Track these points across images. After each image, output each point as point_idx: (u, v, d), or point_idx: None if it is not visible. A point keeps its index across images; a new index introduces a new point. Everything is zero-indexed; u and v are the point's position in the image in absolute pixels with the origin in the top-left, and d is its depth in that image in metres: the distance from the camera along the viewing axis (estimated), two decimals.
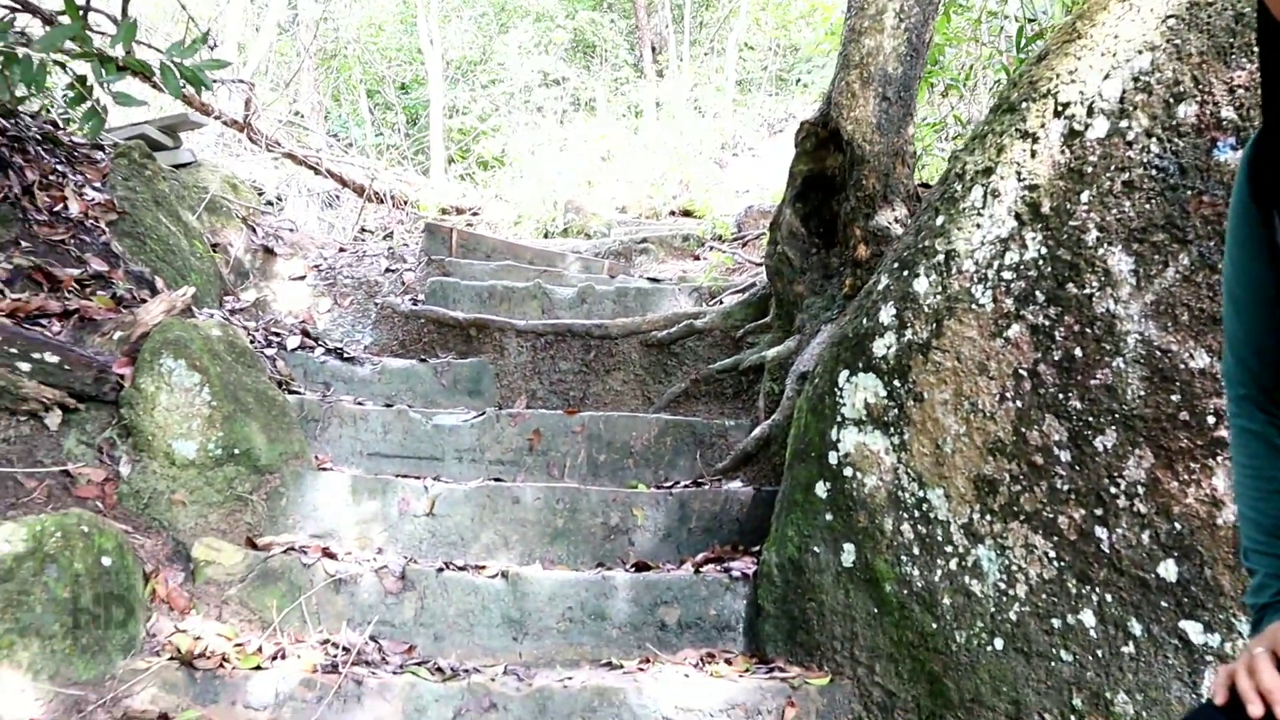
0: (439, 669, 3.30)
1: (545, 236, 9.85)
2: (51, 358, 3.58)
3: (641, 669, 3.40)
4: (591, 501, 4.03)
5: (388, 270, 6.41)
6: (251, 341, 4.85)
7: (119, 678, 2.99)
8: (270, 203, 10.11)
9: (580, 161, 11.97)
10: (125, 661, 3.06)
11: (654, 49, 21.01)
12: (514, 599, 3.57)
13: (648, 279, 6.54)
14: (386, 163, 14.23)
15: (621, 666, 3.44)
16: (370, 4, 20.17)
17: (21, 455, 3.47)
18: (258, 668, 3.15)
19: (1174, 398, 2.61)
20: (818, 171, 4.61)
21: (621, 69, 19.81)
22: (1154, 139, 2.71)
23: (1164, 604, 2.63)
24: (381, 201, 10.09)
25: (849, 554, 3.25)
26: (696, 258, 7.56)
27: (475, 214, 11.09)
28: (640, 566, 3.85)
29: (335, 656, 3.26)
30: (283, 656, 3.26)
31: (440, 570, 3.60)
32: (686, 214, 10.37)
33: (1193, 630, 2.56)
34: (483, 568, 3.70)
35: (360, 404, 4.69)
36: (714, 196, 11.02)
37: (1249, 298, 1.47)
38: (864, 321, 3.26)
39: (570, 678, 3.27)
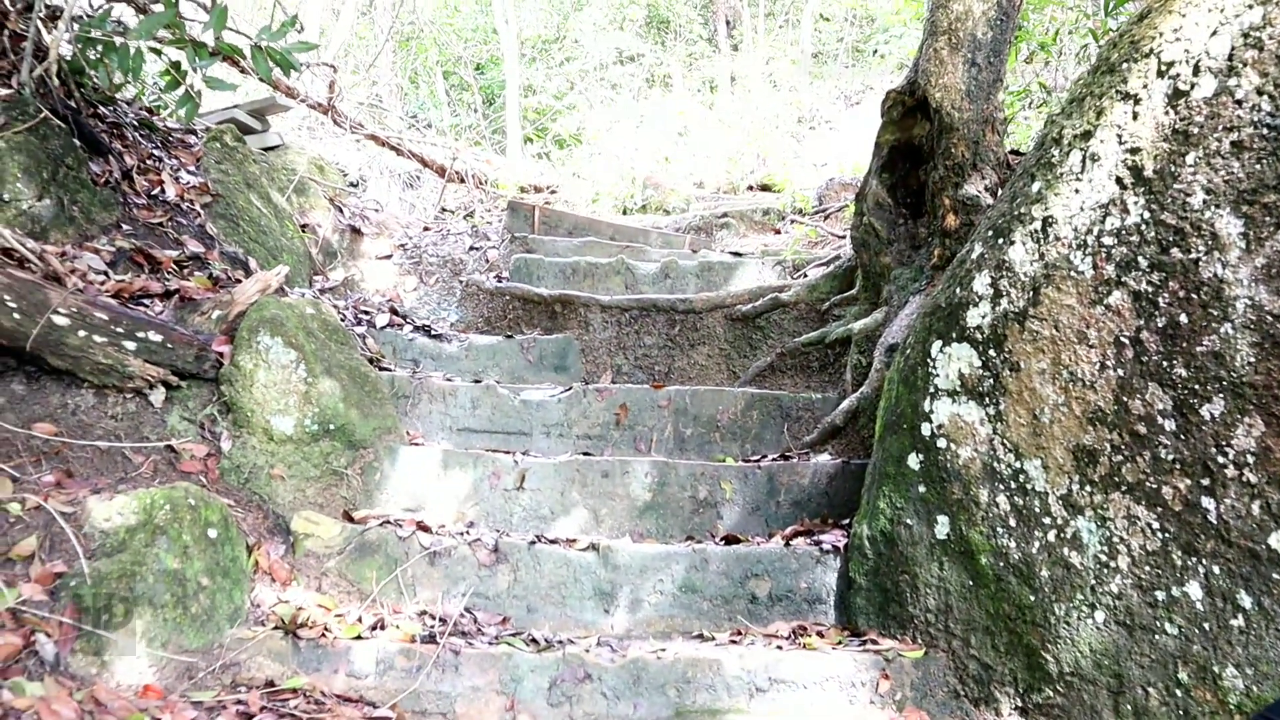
0: (533, 640, 3.33)
1: (624, 213, 9.84)
2: (155, 336, 3.66)
3: (734, 641, 3.40)
4: (679, 475, 4.03)
5: (471, 248, 6.46)
6: (342, 319, 4.92)
7: (226, 646, 3.06)
8: (354, 184, 10.26)
9: (656, 138, 11.93)
10: (232, 631, 3.14)
11: (728, 23, 20.88)
12: (605, 571, 3.59)
13: (730, 253, 6.50)
14: (465, 142, 14.34)
15: (713, 639, 3.44)
16: None
17: (129, 431, 3.57)
18: (358, 637, 3.21)
19: None
20: (904, 141, 4.54)
21: (696, 44, 19.71)
22: (1265, 97, 2.63)
23: (1275, 575, 2.56)
24: (462, 181, 10.16)
25: (943, 526, 3.21)
26: (777, 231, 7.50)
27: (553, 192, 11.12)
28: (730, 539, 3.85)
29: (433, 627, 3.31)
30: (381, 627, 3.32)
31: (532, 543, 3.63)
32: (765, 188, 10.29)
33: None
34: (574, 541, 3.72)
35: (449, 380, 4.73)
36: (792, 170, 10.92)
37: None
38: (957, 291, 3.20)
39: (663, 649, 3.28)
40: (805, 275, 5.50)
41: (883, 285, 4.52)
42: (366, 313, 5.43)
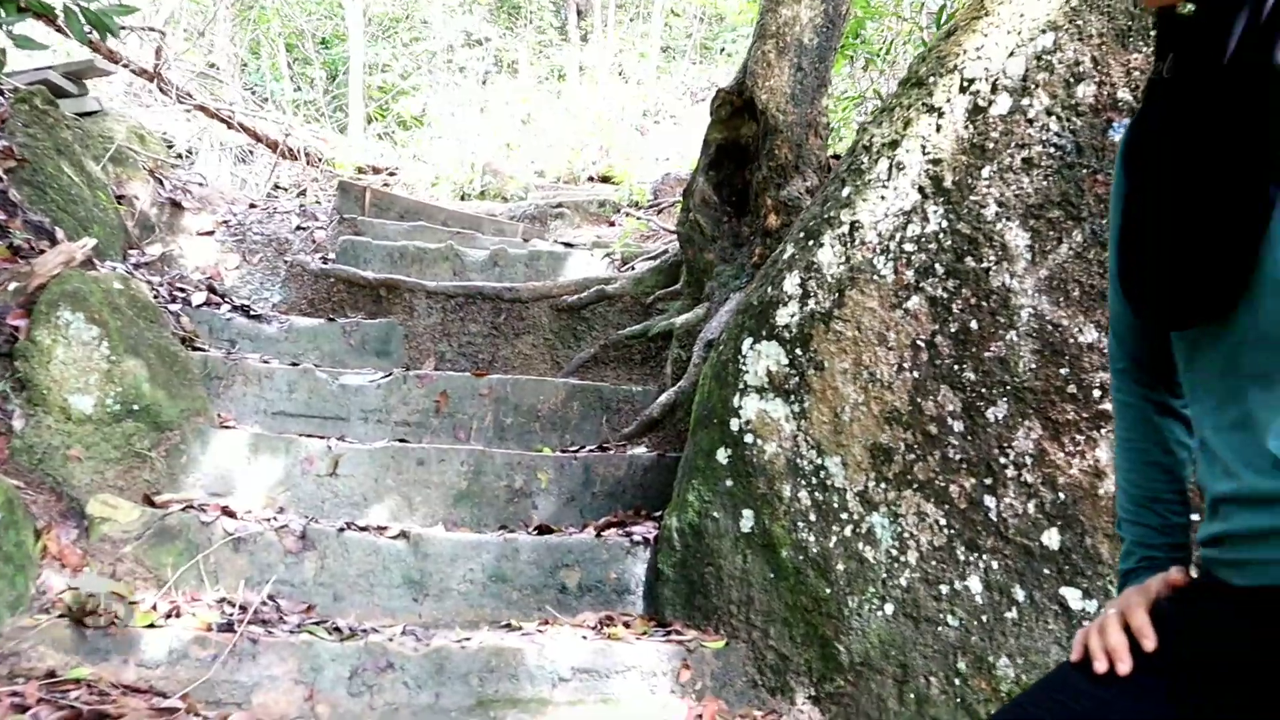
0: (337, 629, 3.27)
1: (462, 199, 9.75)
2: None
3: (540, 630, 3.41)
4: (496, 464, 4.02)
5: (299, 228, 6.30)
6: (155, 296, 4.73)
7: (6, 635, 2.91)
8: (181, 156, 9.86)
9: (500, 124, 11.85)
10: (13, 619, 2.98)
11: (579, 12, 20.85)
12: (415, 560, 3.55)
13: (561, 243, 6.51)
14: (303, 118, 13.97)
15: (521, 628, 3.44)
16: None
17: None
18: (151, 626, 3.09)
19: (1063, 371, 2.67)
20: (731, 140, 4.62)
21: (546, 32, 19.64)
22: (1054, 117, 2.76)
23: (1046, 571, 2.70)
24: (295, 158, 9.90)
25: (748, 520, 3.29)
26: (612, 224, 7.54)
27: (392, 174, 10.93)
28: (543, 529, 3.85)
29: (232, 615, 3.22)
30: (177, 615, 3.21)
31: (341, 530, 3.56)
32: (605, 180, 10.33)
33: (1072, 597, 2.64)
34: (385, 529, 3.67)
35: (266, 362, 4.61)
36: (634, 163, 10.99)
37: (1113, 271, 1.53)
38: (769, 290, 3.28)
39: (468, 638, 3.26)
40: (633, 269, 5.55)
41: (706, 281, 4.60)
42: (183, 290, 5.24)
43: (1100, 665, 1.34)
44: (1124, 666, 1.33)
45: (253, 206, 6.62)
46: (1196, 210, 1.26)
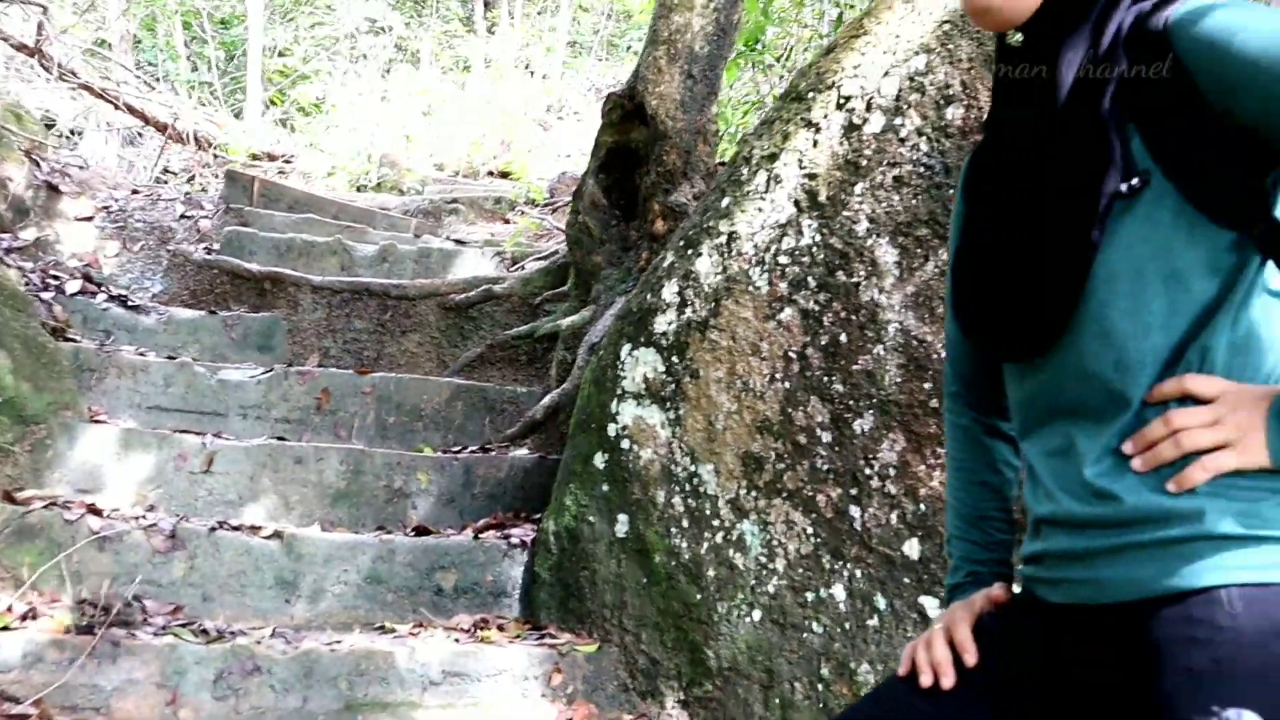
0: (204, 631, 3.21)
1: (359, 190, 9.61)
2: None
3: (414, 633, 3.39)
4: (376, 464, 3.98)
5: (183, 216, 6.15)
6: (26, 284, 4.59)
7: None
8: (64, 137, 9.54)
9: (401, 115, 11.70)
10: None
11: (486, 3, 20.70)
12: (289, 561, 3.50)
13: (453, 240, 6.46)
14: (197, 101, 13.63)
15: (394, 631, 3.42)
16: None
17: None
18: (5, 628, 3.00)
19: (926, 385, 2.74)
20: (622, 144, 4.64)
21: (452, 22, 19.45)
22: (924, 138, 2.83)
23: (906, 580, 2.77)
24: (186, 142, 9.65)
25: (622, 525, 3.31)
26: (507, 221, 7.50)
27: (288, 161, 10.72)
28: (420, 530, 3.83)
29: (93, 617, 3.14)
30: (34, 616, 3.12)
31: (213, 529, 3.50)
32: (505, 175, 10.27)
33: (930, 605, 2.72)
34: (259, 528, 3.61)
35: (142, 355, 4.50)
36: (535, 159, 10.96)
37: (950, 297, 1.58)
38: (648, 297, 3.30)
39: (339, 641, 3.23)
40: (523, 268, 5.54)
41: (593, 284, 4.61)
42: (57, 278, 5.08)
43: (926, 679, 1.39)
44: (947, 680, 1.38)
45: (136, 192, 6.45)
46: (1024, 251, 1.31)
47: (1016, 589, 1.49)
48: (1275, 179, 1.23)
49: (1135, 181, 1.20)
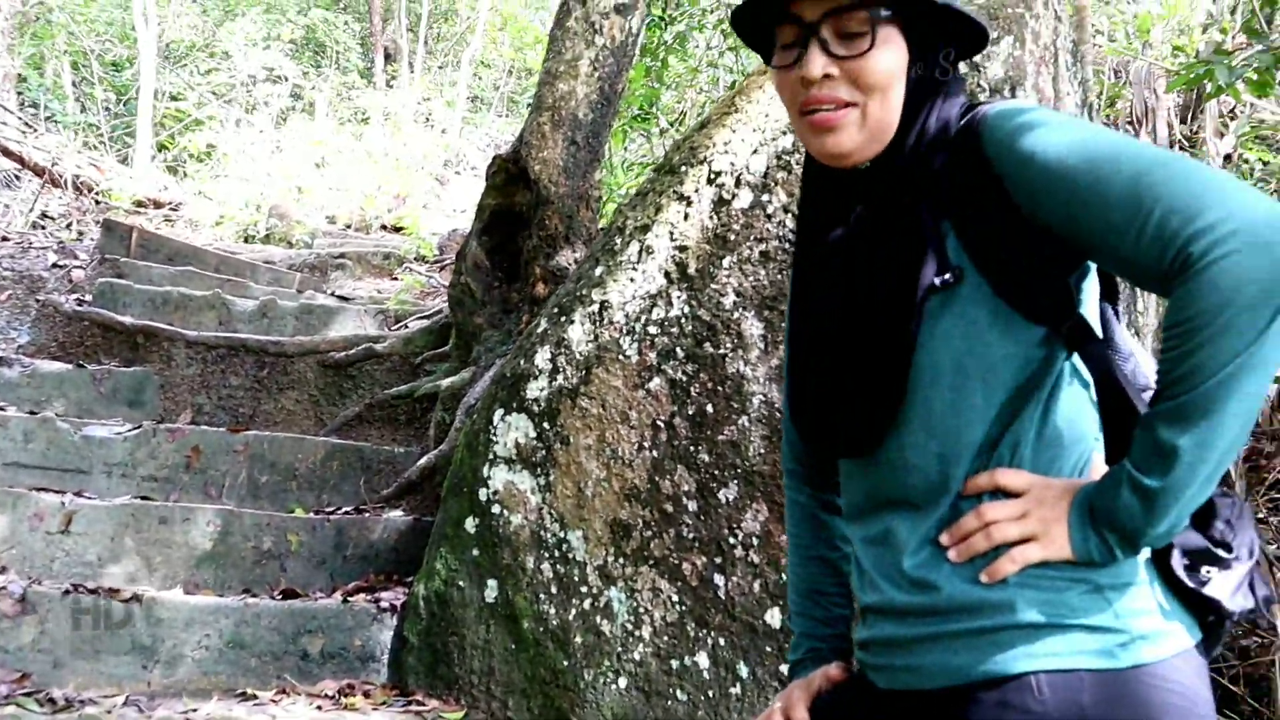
0: (50, 699, 3.09)
1: (247, 240, 9.48)
2: None
3: (275, 700, 3.31)
4: (245, 525, 3.90)
5: (55, 265, 6.01)
6: None
7: None
8: None
9: (294, 165, 11.60)
10: None
11: (388, 56, 20.67)
12: (147, 625, 3.40)
13: (338, 296, 6.41)
14: (83, 144, 13.33)
15: (255, 697, 3.34)
16: None
17: None
18: None
19: None
20: (506, 206, 4.68)
21: (351, 73, 19.37)
22: (790, 214, 2.92)
23: (768, 649, 2.81)
24: (65, 187, 9.42)
25: (492, 590, 3.29)
26: (394, 277, 7.46)
27: (175, 209, 10.54)
28: (288, 594, 3.76)
29: None
30: None
31: (67, 592, 3.38)
32: (398, 229, 10.23)
33: None
34: (116, 591, 3.50)
35: (1, 409, 4.36)
36: (429, 214, 10.94)
37: (787, 379, 1.63)
38: (521, 363, 3.32)
39: (195, 709, 3.14)
40: (406, 327, 5.52)
41: (474, 345, 4.62)
42: None
43: None
44: None
45: (5, 239, 6.28)
46: (846, 349, 1.36)
47: (855, 667, 1.53)
48: (1079, 277, 1.30)
49: (949, 276, 1.26)
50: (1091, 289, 1.34)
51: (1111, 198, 1.14)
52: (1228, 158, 7.32)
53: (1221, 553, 1.27)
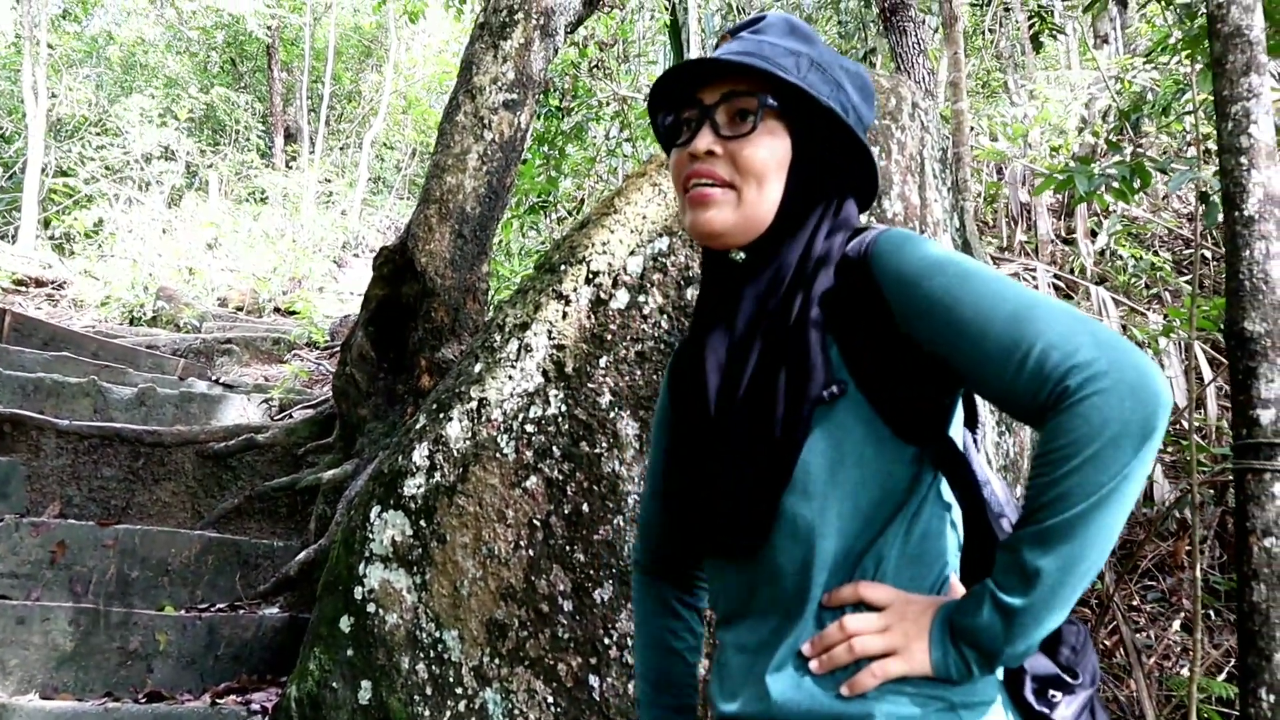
0: None
1: (133, 323, 9.28)
2: None
3: None
4: (110, 623, 3.78)
5: None
6: None
7: None
8: None
9: (186, 245, 11.43)
10: None
11: (288, 135, 20.60)
12: None
13: (222, 384, 6.29)
14: None
15: None
16: None
17: None
18: None
19: None
20: (393, 298, 4.66)
21: (250, 152, 19.24)
22: (665, 315, 2.96)
23: None
24: None
25: (366, 691, 3.22)
26: (284, 362, 7.36)
27: (60, 288, 10.29)
28: (154, 696, 3.64)
29: None
30: None
31: None
32: (291, 313, 10.11)
33: None
34: None
35: None
36: (324, 297, 10.85)
37: (654, 479, 1.66)
38: (399, 459, 3.29)
39: None
40: (290, 416, 5.43)
41: (358, 437, 4.57)
42: None
43: None
44: None
45: None
46: (727, 455, 1.39)
47: None
48: (952, 401, 1.36)
49: (834, 389, 1.30)
50: (958, 414, 1.39)
51: (994, 330, 1.20)
52: (1101, 254, 7.63)
53: (1068, 678, 1.32)
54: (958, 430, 1.40)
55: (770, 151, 1.37)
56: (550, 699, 2.92)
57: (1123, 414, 1.11)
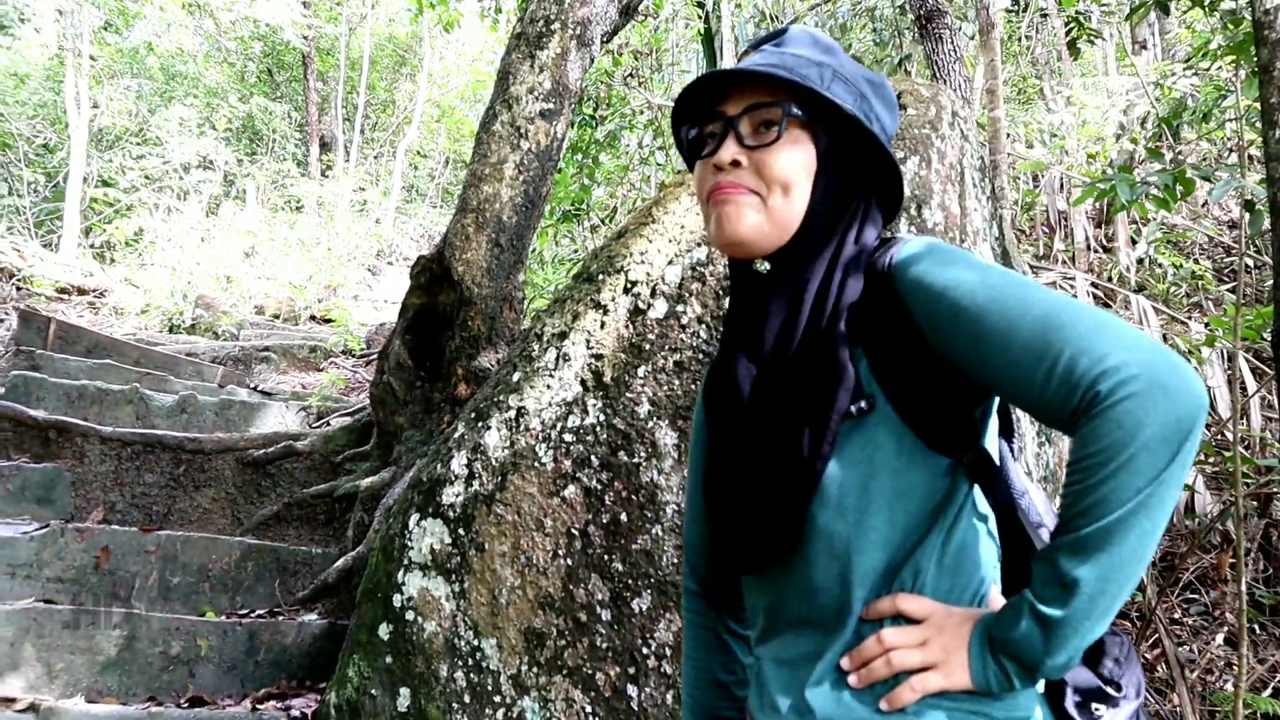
0: None
1: (172, 330, 9.38)
2: None
3: None
4: (152, 629, 3.81)
5: None
6: None
7: None
8: None
9: (223, 254, 11.54)
10: None
11: (324, 145, 20.75)
12: None
13: (260, 391, 6.34)
14: (5, 228, 13.15)
15: None
16: (13, 52, 18.82)
17: None
18: None
19: None
20: (430, 306, 4.69)
21: (286, 161, 19.41)
22: (704, 325, 2.96)
23: None
24: None
25: (404, 699, 3.24)
26: (320, 370, 7.41)
27: (101, 296, 10.41)
28: (195, 701, 3.67)
29: None
30: None
31: None
32: (327, 321, 10.19)
33: None
34: (12, 700, 3.39)
35: None
36: (359, 305, 10.92)
37: (694, 500, 1.66)
38: (438, 468, 3.31)
39: None
40: (328, 424, 5.47)
41: (395, 445, 4.59)
42: None
43: None
44: None
45: None
46: (757, 467, 1.38)
47: None
48: (983, 412, 1.35)
49: (864, 403, 1.30)
50: (992, 425, 1.38)
51: (1021, 337, 1.18)
52: (1140, 262, 7.57)
53: (1111, 691, 1.30)
54: (993, 441, 1.39)
55: (795, 160, 1.38)
56: (588, 708, 2.92)
57: (1157, 417, 1.10)
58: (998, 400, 1.39)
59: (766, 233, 1.38)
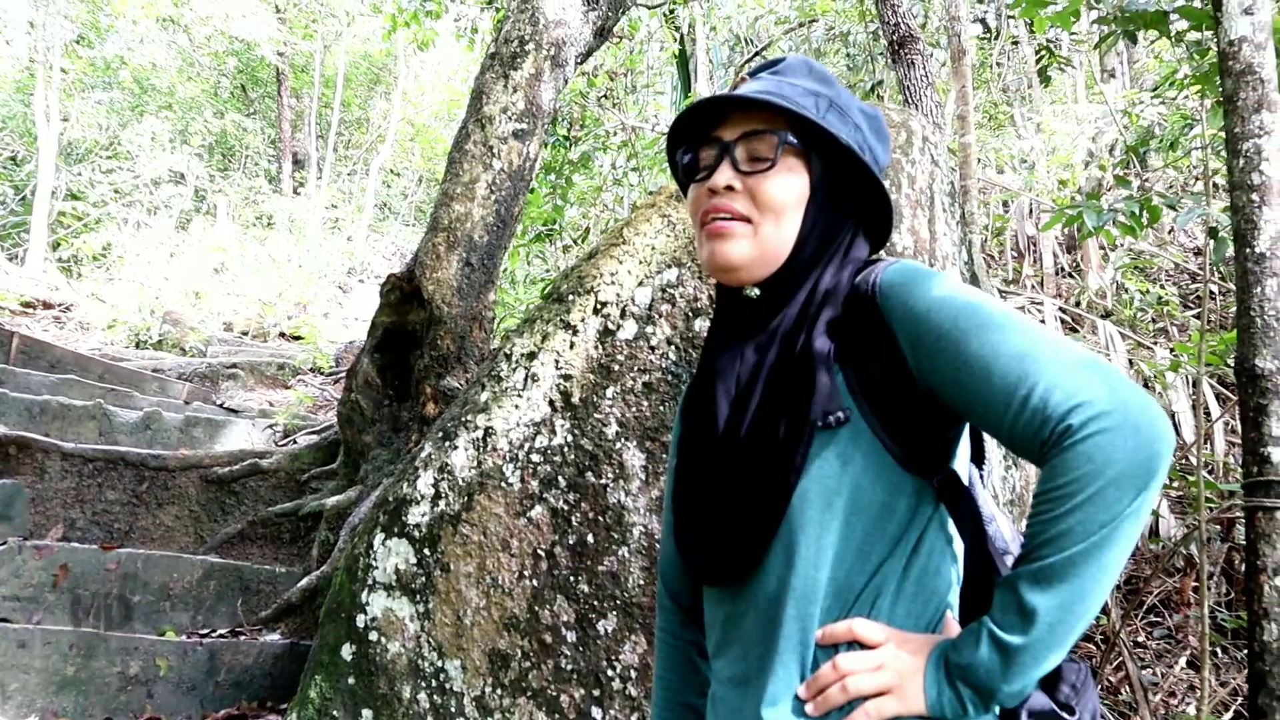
0: None
1: (139, 346, 9.29)
2: None
3: None
4: (111, 648, 3.76)
5: None
6: None
7: None
8: None
9: (192, 270, 11.45)
10: None
11: (296, 161, 20.69)
12: None
13: (226, 408, 6.28)
14: None
15: None
16: None
17: None
18: None
19: None
20: (399, 325, 4.66)
21: (258, 177, 19.32)
22: (673, 347, 2.96)
23: None
24: None
25: None
26: (288, 387, 7.35)
27: (66, 310, 10.30)
28: None
29: None
30: None
31: None
32: (296, 338, 10.12)
33: None
34: None
35: None
36: (329, 323, 10.85)
37: (669, 518, 1.65)
38: (404, 487, 3.28)
39: None
40: (294, 441, 5.42)
41: (362, 463, 4.56)
42: None
43: None
44: None
45: None
46: (729, 477, 1.38)
47: None
48: (956, 434, 1.35)
49: (840, 414, 1.30)
50: (963, 448, 1.39)
51: (999, 366, 1.19)
52: (1108, 287, 7.63)
53: (1066, 716, 1.30)
54: (963, 465, 1.39)
55: (789, 188, 1.39)
56: None
57: (1127, 454, 1.11)
58: (969, 425, 1.39)
59: (758, 260, 1.40)
